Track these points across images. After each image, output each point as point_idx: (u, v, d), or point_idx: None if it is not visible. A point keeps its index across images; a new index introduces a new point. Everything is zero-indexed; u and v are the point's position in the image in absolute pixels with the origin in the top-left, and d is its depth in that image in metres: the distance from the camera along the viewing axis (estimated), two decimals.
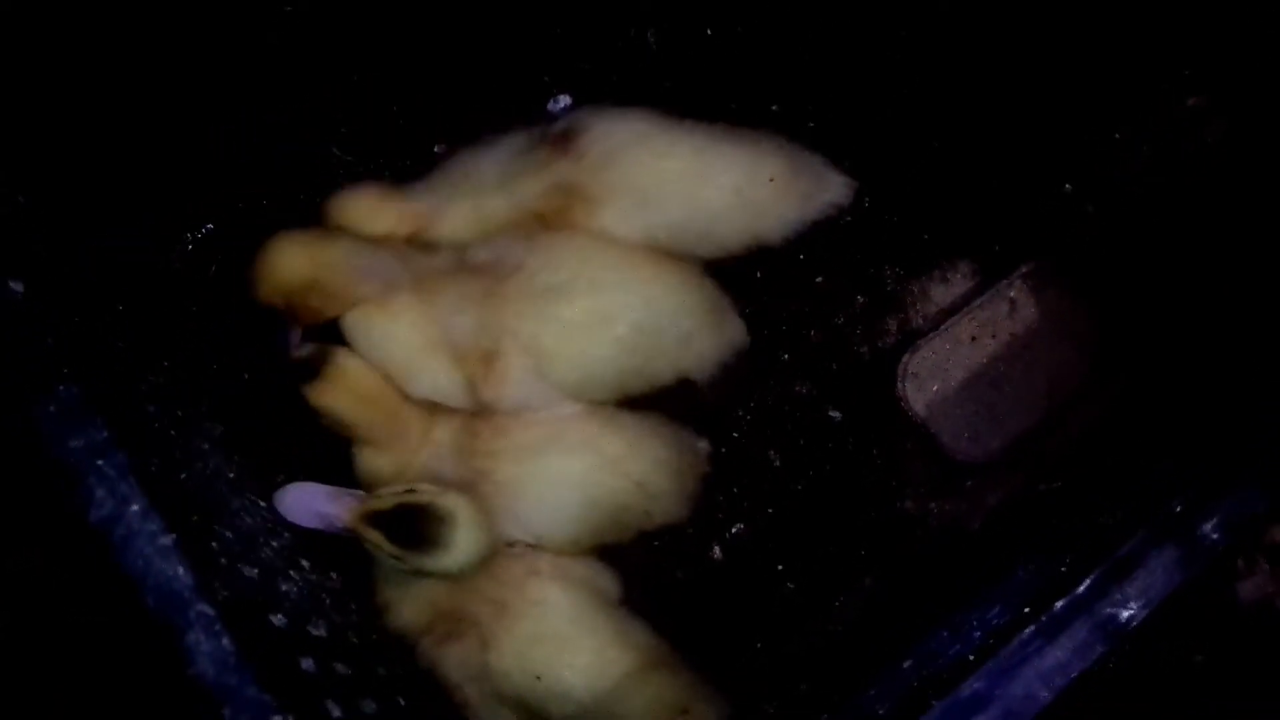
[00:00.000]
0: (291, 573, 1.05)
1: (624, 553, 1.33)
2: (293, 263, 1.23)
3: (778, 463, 1.45)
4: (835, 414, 1.46)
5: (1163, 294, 1.40)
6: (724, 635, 1.38)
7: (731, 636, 1.39)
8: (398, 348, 1.25)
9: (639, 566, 1.37)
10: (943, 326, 1.44)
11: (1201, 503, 0.81)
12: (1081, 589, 0.80)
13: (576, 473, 1.24)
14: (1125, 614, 0.79)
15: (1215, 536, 0.80)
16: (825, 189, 1.37)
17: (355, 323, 1.26)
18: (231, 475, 1.10)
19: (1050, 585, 0.86)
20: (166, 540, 0.77)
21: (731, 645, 1.38)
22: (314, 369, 1.21)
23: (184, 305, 1.29)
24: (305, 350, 1.23)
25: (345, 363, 1.23)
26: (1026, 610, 0.82)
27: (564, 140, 1.31)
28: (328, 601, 1.11)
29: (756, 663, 1.38)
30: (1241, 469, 0.85)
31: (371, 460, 1.26)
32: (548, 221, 1.30)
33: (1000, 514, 1.41)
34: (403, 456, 1.25)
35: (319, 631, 0.99)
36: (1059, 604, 0.80)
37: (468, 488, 1.21)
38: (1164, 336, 1.38)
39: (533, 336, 1.23)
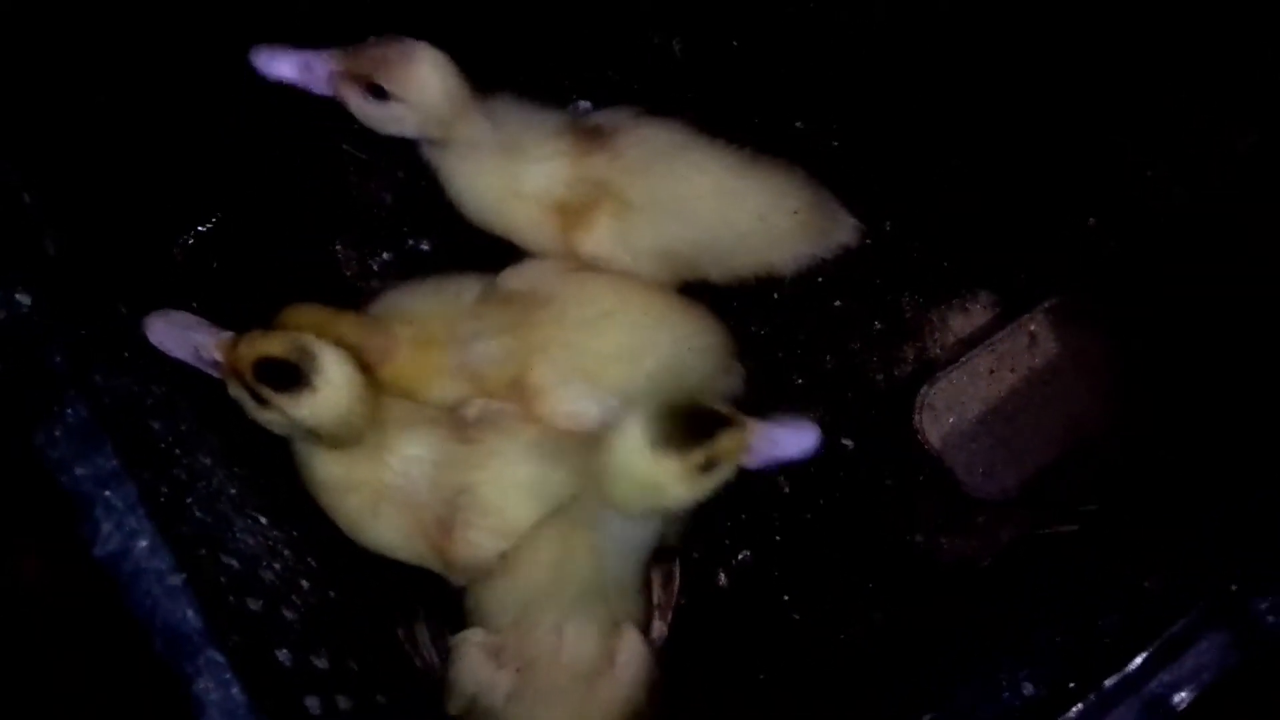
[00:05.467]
0: (293, 597, 1.01)
1: None
2: None
3: (787, 490, 1.42)
4: (848, 442, 1.43)
5: (1187, 335, 1.37)
6: (727, 664, 1.36)
7: (735, 665, 1.36)
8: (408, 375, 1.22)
9: None
10: (961, 359, 1.41)
11: (1257, 581, 0.79)
12: (1132, 668, 0.78)
13: (555, 482, 1.19)
14: (1177, 697, 0.76)
15: (1271, 619, 0.77)
16: (838, 229, 1.34)
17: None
18: (233, 492, 1.06)
19: (1092, 656, 0.83)
20: (176, 580, 0.73)
21: (734, 674, 1.36)
22: (296, 376, 1.04)
23: (185, 304, 1.24)
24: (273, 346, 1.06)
25: (338, 367, 1.07)
26: (1071, 685, 0.79)
27: (599, 136, 1.27)
28: (327, 624, 1.07)
29: (760, 693, 1.35)
30: None
31: (329, 467, 1.17)
32: (569, 212, 1.26)
33: (1013, 553, 1.38)
34: (367, 466, 1.18)
35: (321, 663, 0.95)
36: (1108, 682, 0.77)
37: (445, 502, 1.18)
38: (1188, 378, 1.35)
39: (562, 363, 1.21)
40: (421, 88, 1.15)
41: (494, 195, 1.27)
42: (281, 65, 1.16)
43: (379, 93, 1.14)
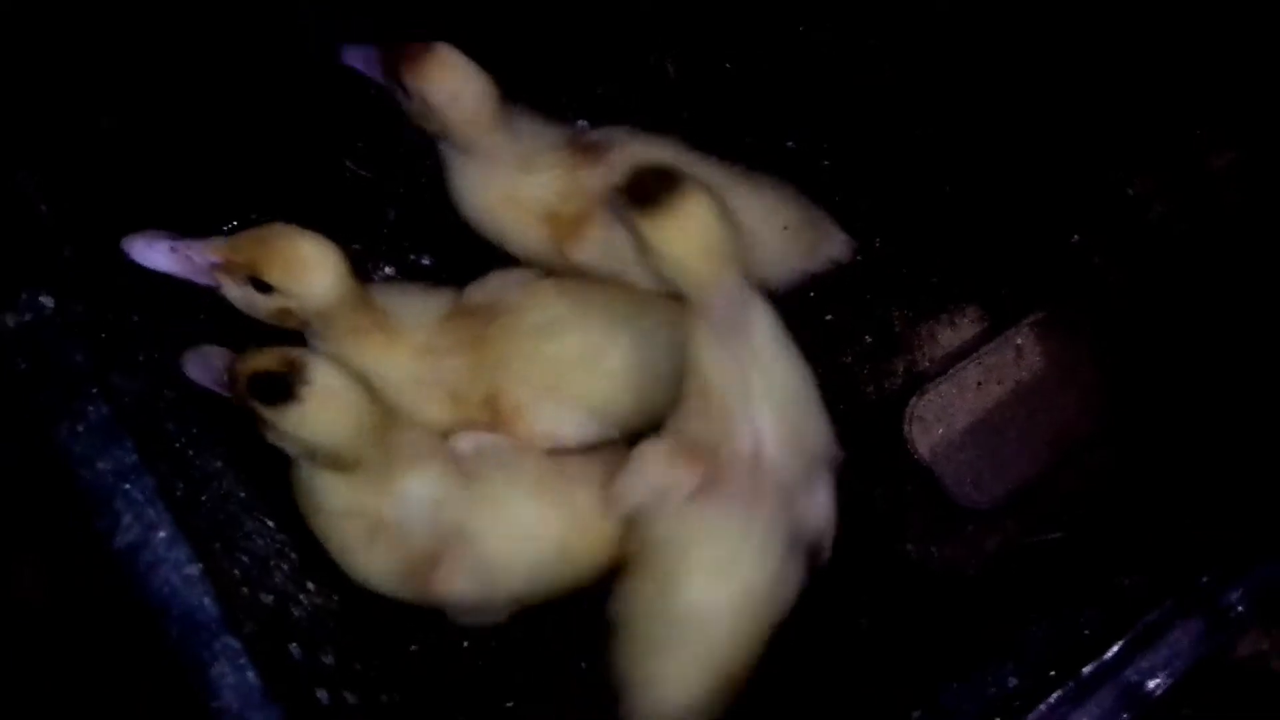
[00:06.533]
0: (301, 597, 1.04)
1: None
2: None
3: None
4: (839, 453, 1.45)
5: (1169, 347, 1.41)
6: None
7: None
8: (388, 382, 1.22)
9: None
10: (950, 371, 1.44)
11: (1227, 574, 0.82)
12: (1109, 656, 0.81)
13: (550, 526, 1.21)
14: (1151, 683, 0.79)
15: (1240, 609, 0.80)
16: (829, 244, 1.38)
17: (346, 353, 1.20)
18: (243, 494, 1.08)
19: (1071, 647, 0.86)
20: (193, 569, 0.76)
21: None
22: (284, 387, 1.04)
23: (194, 314, 1.27)
24: (264, 361, 1.06)
25: (327, 380, 1.07)
26: (1052, 674, 0.82)
27: (595, 152, 1.31)
28: (332, 626, 1.10)
29: (751, 703, 1.37)
30: (1264, 537, 0.86)
31: (334, 492, 1.16)
32: (562, 222, 1.30)
33: (1000, 561, 1.41)
34: (368, 497, 1.17)
35: (328, 659, 0.97)
36: (1086, 669, 0.80)
37: (440, 539, 1.18)
38: (1171, 389, 1.39)
39: (525, 375, 1.23)
40: (448, 91, 1.21)
41: (491, 199, 1.30)
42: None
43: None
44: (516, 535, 1.19)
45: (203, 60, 1.33)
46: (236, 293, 1.14)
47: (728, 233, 1.07)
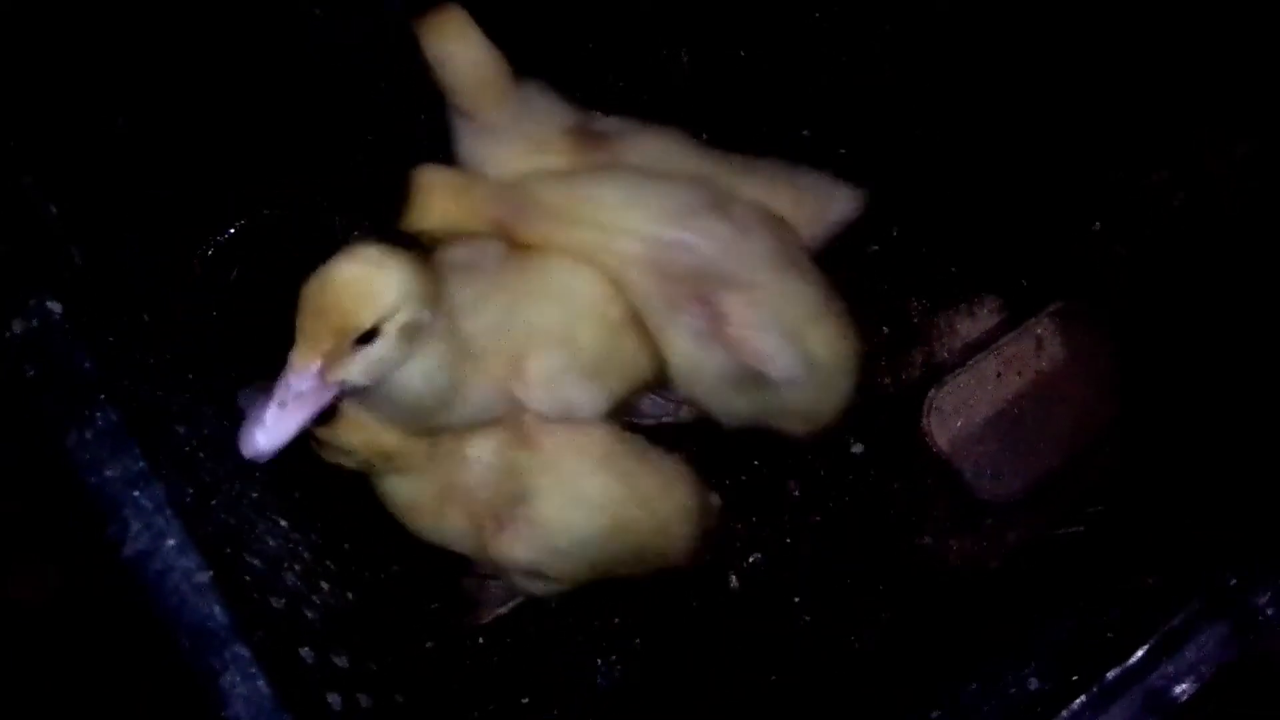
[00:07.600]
0: (314, 598, 1.03)
1: (639, 579, 1.31)
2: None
3: (797, 493, 1.44)
4: (857, 446, 1.45)
5: (1193, 339, 1.38)
6: (738, 666, 1.37)
7: (746, 667, 1.37)
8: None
9: (654, 593, 1.36)
10: (969, 362, 1.43)
11: (1257, 575, 0.80)
12: (1134, 660, 0.79)
13: (611, 497, 1.19)
14: (1178, 689, 0.78)
15: (1270, 612, 0.79)
16: (831, 207, 1.33)
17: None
18: (255, 495, 1.08)
19: (1094, 650, 0.84)
20: (203, 578, 0.75)
21: (745, 676, 1.37)
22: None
23: (205, 313, 1.26)
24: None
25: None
26: (1075, 678, 0.81)
27: (600, 139, 1.29)
28: (346, 626, 1.09)
29: (770, 696, 1.37)
30: None
31: (400, 489, 1.18)
32: None
33: (1020, 554, 1.40)
34: (437, 478, 1.17)
35: (341, 661, 0.97)
36: (1110, 674, 0.79)
37: (504, 503, 1.17)
38: (1193, 382, 1.37)
39: (543, 330, 1.18)
40: (444, 51, 1.21)
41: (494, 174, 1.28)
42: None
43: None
44: (577, 502, 1.18)
45: (209, 60, 1.33)
46: (354, 372, 0.99)
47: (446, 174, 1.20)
